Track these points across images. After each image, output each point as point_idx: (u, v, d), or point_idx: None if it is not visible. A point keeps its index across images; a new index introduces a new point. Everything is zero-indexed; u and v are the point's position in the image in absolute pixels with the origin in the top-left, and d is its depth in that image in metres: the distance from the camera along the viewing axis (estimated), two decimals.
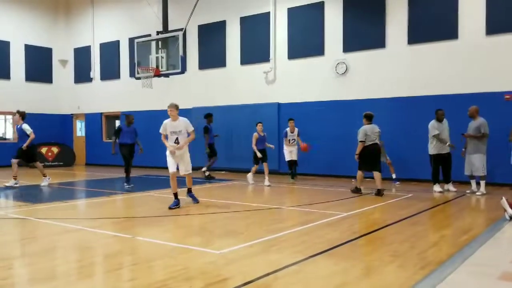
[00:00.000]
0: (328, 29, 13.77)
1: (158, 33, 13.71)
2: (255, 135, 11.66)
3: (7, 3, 18.84)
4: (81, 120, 20.85)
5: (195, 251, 5.06)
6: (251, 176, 12.05)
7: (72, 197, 10.59)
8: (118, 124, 19.30)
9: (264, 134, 11.89)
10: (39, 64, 19.82)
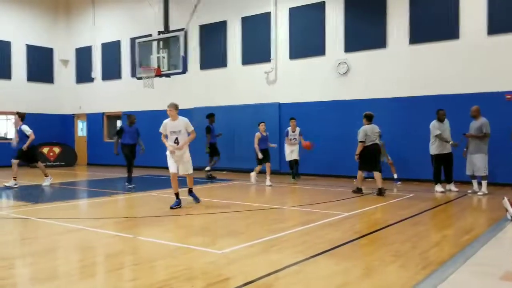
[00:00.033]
0: (329, 29, 13.77)
1: (159, 33, 13.76)
2: (258, 135, 11.64)
3: (7, 3, 18.86)
4: (82, 120, 20.87)
5: (197, 251, 5.06)
6: (254, 176, 12.03)
7: (74, 197, 10.60)
8: (119, 124, 19.34)
9: (267, 133, 11.88)
10: (41, 64, 19.84)
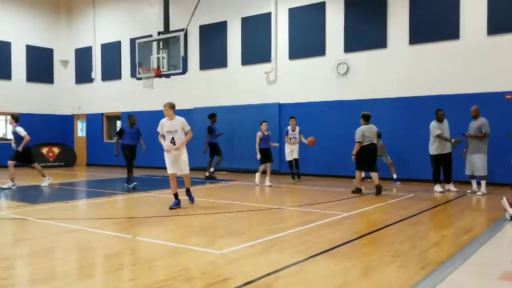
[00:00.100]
0: (329, 29, 13.77)
1: (159, 33, 13.73)
2: (259, 134, 11.60)
3: (7, 3, 18.86)
4: (82, 121, 20.87)
5: (196, 251, 5.05)
6: (259, 176, 11.89)
7: (73, 197, 10.60)
8: (119, 125, 19.35)
9: (269, 133, 11.84)
10: (40, 65, 19.85)
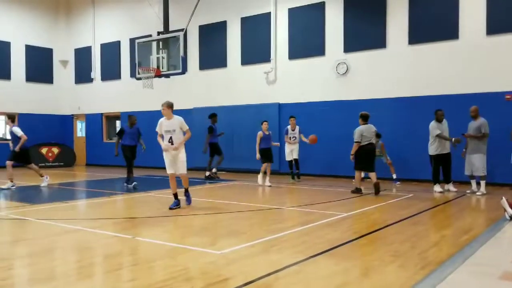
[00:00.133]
0: (329, 29, 13.77)
1: (159, 33, 13.71)
2: (260, 134, 11.58)
3: (7, 3, 18.84)
4: (81, 121, 20.85)
5: (196, 251, 5.05)
6: (261, 177, 11.83)
7: (72, 197, 10.59)
8: (118, 125, 19.33)
9: (269, 132, 11.83)
10: (40, 65, 19.83)
